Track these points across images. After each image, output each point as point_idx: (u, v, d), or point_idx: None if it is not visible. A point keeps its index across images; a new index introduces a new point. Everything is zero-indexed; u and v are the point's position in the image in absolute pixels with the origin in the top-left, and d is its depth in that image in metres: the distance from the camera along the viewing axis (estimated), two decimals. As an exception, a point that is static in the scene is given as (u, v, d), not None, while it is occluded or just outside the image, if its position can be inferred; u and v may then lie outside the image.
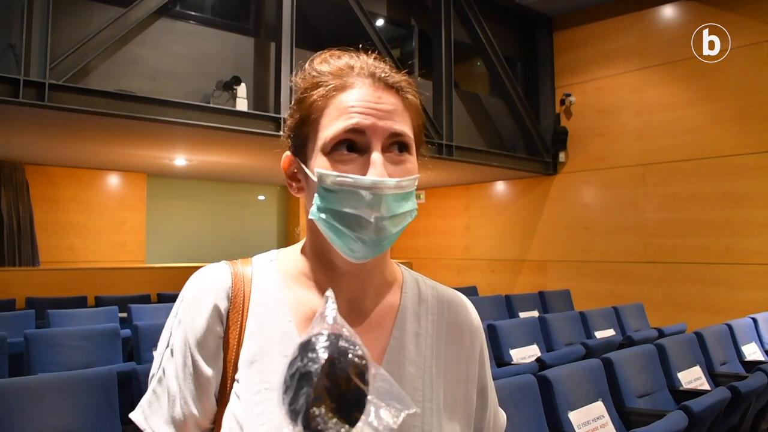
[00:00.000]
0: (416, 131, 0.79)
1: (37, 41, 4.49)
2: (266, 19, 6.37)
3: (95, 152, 7.02)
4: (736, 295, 6.59)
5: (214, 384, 0.76)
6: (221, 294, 0.78)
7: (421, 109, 0.82)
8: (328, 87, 0.76)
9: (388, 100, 0.75)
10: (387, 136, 0.73)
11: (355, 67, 0.77)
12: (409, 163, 0.75)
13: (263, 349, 0.76)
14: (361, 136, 0.73)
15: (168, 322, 0.81)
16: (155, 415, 0.77)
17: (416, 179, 0.75)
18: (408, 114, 0.77)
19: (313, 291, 0.80)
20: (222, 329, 0.77)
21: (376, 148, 0.72)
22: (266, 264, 0.83)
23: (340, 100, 0.75)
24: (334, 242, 0.73)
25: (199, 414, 0.76)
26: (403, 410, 0.59)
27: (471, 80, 9.29)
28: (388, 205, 0.71)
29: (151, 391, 0.79)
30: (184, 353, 0.77)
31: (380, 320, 0.81)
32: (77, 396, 2.29)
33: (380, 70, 0.77)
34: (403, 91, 0.78)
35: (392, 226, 0.72)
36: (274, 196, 10.76)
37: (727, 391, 2.79)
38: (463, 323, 0.87)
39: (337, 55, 0.79)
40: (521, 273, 8.72)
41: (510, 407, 2.38)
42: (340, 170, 0.72)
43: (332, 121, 0.74)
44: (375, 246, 0.72)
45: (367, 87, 0.75)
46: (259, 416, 0.72)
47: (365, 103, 0.74)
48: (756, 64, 6.65)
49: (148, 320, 4.26)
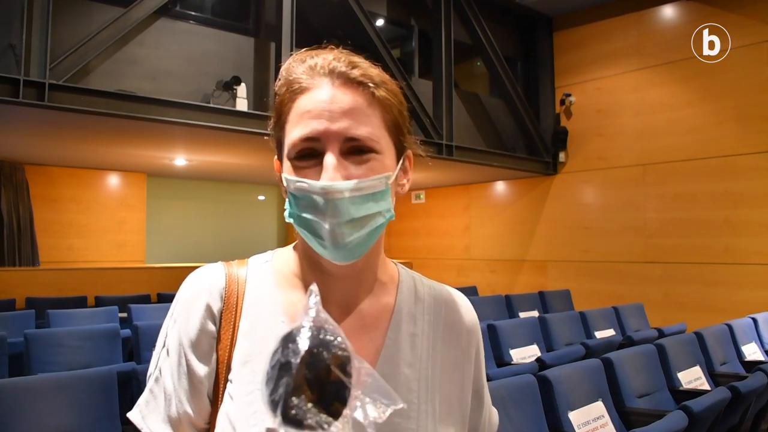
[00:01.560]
0: (389, 125, 0.76)
1: (37, 41, 4.49)
2: (266, 19, 6.37)
3: (95, 152, 7.02)
4: (736, 295, 6.59)
5: (207, 384, 0.76)
6: (214, 294, 0.79)
7: (400, 99, 0.79)
8: (291, 90, 0.75)
9: (345, 98, 0.72)
10: (342, 140, 0.71)
11: (317, 67, 0.75)
12: (374, 161, 0.72)
13: (256, 350, 0.76)
14: (316, 143, 0.72)
15: (165, 321, 0.81)
16: (152, 415, 0.77)
17: (386, 178, 0.73)
18: (374, 109, 0.74)
19: (305, 292, 0.79)
20: (215, 329, 0.78)
21: (331, 150, 0.71)
22: (261, 265, 0.83)
23: (297, 105, 0.74)
24: (310, 245, 0.73)
25: (194, 414, 0.76)
26: (390, 405, 0.59)
27: (471, 80, 9.29)
28: (343, 209, 0.69)
29: (148, 390, 0.79)
30: (178, 353, 0.77)
31: (375, 321, 0.80)
32: (77, 396, 2.29)
33: (341, 65, 0.74)
34: (368, 85, 0.74)
35: (353, 229, 0.70)
36: (274, 196, 10.76)
37: (727, 391, 2.79)
38: (460, 323, 0.86)
39: (302, 58, 0.77)
40: (521, 273, 8.72)
41: (510, 407, 2.38)
42: (301, 175, 0.71)
43: (292, 128, 0.74)
44: (338, 250, 0.71)
45: (323, 87, 0.73)
46: (252, 416, 0.72)
47: (319, 106, 0.72)
48: (756, 64, 6.65)
49: (148, 320, 4.26)
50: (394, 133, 0.77)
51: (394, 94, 0.77)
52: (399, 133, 0.78)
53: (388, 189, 0.74)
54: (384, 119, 0.75)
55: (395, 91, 0.78)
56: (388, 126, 0.76)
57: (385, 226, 0.74)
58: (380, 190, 0.72)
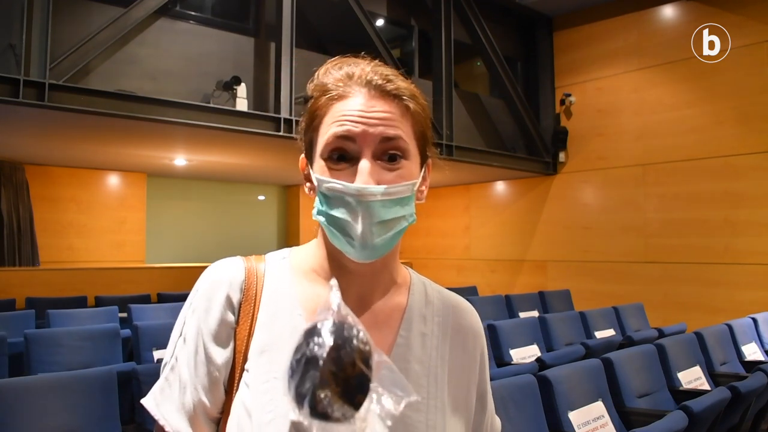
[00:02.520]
0: (418, 136, 0.81)
1: (37, 41, 4.49)
2: (266, 19, 6.37)
3: (95, 152, 7.02)
4: (736, 295, 6.59)
5: (224, 373, 0.79)
6: (234, 286, 0.81)
7: (427, 112, 0.84)
8: (328, 96, 0.79)
9: (383, 108, 0.77)
10: (378, 142, 0.76)
11: (354, 76, 0.79)
12: (403, 169, 0.77)
13: (273, 341, 0.79)
14: (351, 144, 0.76)
15: (182, 311, 0.84)
16: (167, 402, 0.79)
17: (413, 185, 0.78)
18: (407, 120, 0.79)
19: (323, 287, 0.83)
20: (234, 320, 0.80)
21: (366, 155, 0.75)
22: (279, 261, 0.87)
23: (336, 109, 0.78)
24: (335, 243, 0.77)
25: (209, 402, 0.78)
26: (404, 397, 0.61)
27: (471, 80, 9.29)
28: (375, 211, 0.74)
29: (164, 378, 0.81)
30: (196, 342, 0.79)
31: (388, 319, 0.84)
32: (77, 396, 2.29)
33: (378, 78, 0.79)
34: (402, 98, 0.79)
35: (381, 231, 0.75)
36: (274, 196, 10.76)
37: (727, 391, 2.79)
38: (467, 328, 0.89)
39: (339, 65, 0.81)
40: (521, 273, 8.72)
41: (510, 407, 2.38)
42: (334, 176, 0.76)
43: (328, 129, 0.77)
44: (365, 249, 0.75)
45: (362, 96, 0.77)
46: (268, 404, 0.75)
47: (358, 112, 0.76)
48: (756, 64, 6.65)
49: (148, 320, 4.27)
50: (420, 143, 0.82)
51: (423, 108, 0.83)
52: (425, 142, 0.83)
53: (413, 195, 0.79)
54: (414, 130, 0.80)
55: (424, 105, 0.83)
56: (417, 136, 0.81)
57: (406, 229, 0.79)
58: (407, 195, 0.77)
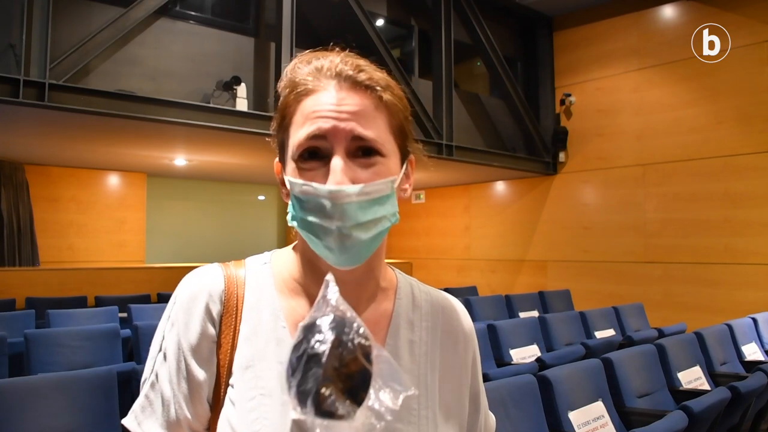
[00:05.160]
0: (394, 129, 0.75)
1: (37, 41, 4.49)
2: (266, 19, 6.37)
3: (95, 152, 7.02)
4: (736, 295, 6.59)
5: (207, 388, 0.75)
6: (214, 297, 0.77)
7: (404, 103, 0.78)
8: (296, 92, 0.74)
9: (353, 101, 0.72)
10: (350, 139, 0.71)
11: (323, 69, 0.74)
12: (379, 165, 0.72)
13: (258, 355, 0.75)
14: (323, 142, 0.71)
15: (160, 325, 0.80)
16: (149, 420, 0.76)
17: (392, 182, 0.73)
18: (381, 113, 0.74)
19: (304, 299, 0.79)
20: (215, 333, 0.76)
21: (338, 152, 0.70)
22: (260, 267, 0.82)
23: (304, 105, 0.73)
24: (313, 248, 0.72)
25: (193, 418, 0.75)
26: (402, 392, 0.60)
27: (471, 80, 9.29)
28: (351, 213, 0.68)
29: (144, 396, 0.77)
30: (177, 357, 0.75)
31: (373, 327, 0.79)
32: (77, 396, 2.29)
33: (349, 68, 0.74)
34: (375, 89, 0.74)
35: (360, 233, 0.69)
36: (274, 196, 10.76)
37: (727, 391, 2.79)
38: (457, 330, 0.86)
39: (308, 60, 0.76)
40: (521, 273, 8.72)
41: (510, 407, 2.38)
42: (306, 178, 0.71)
43: (298, 128, 0.73)
44: (344, 254, 0.70)
45: (331, 89, 0.73)
46: (254, 422, 0.71)
47: (328, 106, 0.71)
48: (756, 64, 6.65)
49: (148, 320, 4.26)
50: (399, 137, 0.76)
51: (399, 99, 0.77)
52: (404, 137, 0.78)
53: (394, 193, 0.74)
54: (390, 123, 0.75)
55: (400, 96, 0.78)
56: (393, 130, 0.75)
57: (389, 230, 0.74)
58: (386, 194, 0.72)
